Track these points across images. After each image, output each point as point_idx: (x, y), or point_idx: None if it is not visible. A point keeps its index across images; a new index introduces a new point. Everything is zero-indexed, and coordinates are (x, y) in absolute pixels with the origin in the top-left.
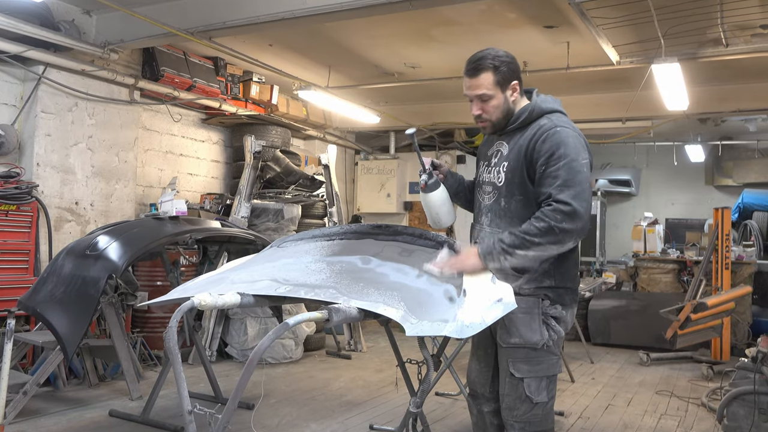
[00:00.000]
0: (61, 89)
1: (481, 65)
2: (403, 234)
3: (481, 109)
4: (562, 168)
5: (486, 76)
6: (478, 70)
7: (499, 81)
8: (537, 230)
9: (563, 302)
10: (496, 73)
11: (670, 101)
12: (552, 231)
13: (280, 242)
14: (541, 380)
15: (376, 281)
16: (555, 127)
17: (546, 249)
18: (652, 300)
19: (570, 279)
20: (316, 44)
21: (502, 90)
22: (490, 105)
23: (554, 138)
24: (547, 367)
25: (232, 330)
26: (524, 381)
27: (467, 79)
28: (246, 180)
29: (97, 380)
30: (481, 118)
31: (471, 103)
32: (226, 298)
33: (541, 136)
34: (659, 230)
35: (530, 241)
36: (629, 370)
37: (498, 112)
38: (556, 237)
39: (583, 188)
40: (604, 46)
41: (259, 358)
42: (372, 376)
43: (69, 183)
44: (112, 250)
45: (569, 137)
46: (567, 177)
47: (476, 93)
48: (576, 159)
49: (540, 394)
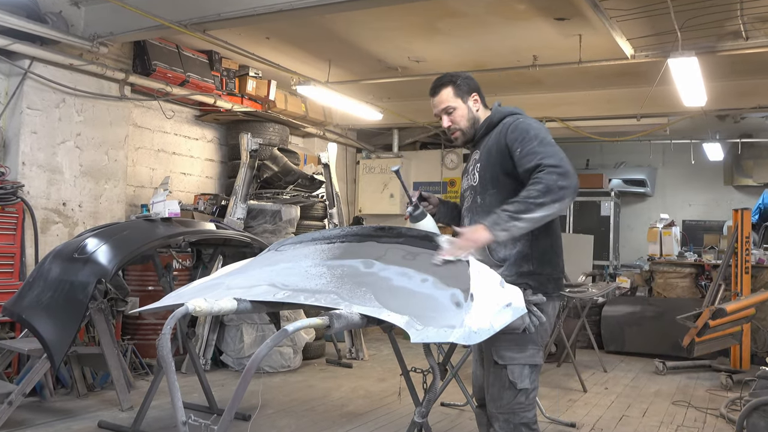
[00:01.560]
0: (47, 84)
1: (440, 83)
2: (407, 236)
3: (450, 121)
4: (537, 145)
5: (446, 91)
6: (438, 88)
7: (459, 93)
8: (537, 192)
9: (546, 291)
10: (454, 86)
11: (687, 97)
12: (551, 189)
13: (278, 245)
14: (524, 367)
15: (379, 286)
16: (518, 119)
17: (550, 207)
18: (669, 306)
19: (551, 264)
20: (315, 37)
21: (464, 101)
22: (456, 116)
23: (521, 126)
24: (530, 356)
25: (227, 337)
26: (507, 368)
27: (432, 99)
28: (242, 180)
29: (86, 390)
30: (451, 129)
31: (441, 120)
32: (221, 303)
33: (508, 128)
34: (676, 232)
35: (533, 202)
36: (644, 379)
37: (464, 121)
38: (556, 194)
39: (562, 156)
40: (618, 39)
41: (256, 367)
42: (374, 385)
43: (56, 183)
44: (102, 253)
45: (533, 123)
46: (545, 150)
47: (441, 107)
48: (546, 138)
49: (523, 380)
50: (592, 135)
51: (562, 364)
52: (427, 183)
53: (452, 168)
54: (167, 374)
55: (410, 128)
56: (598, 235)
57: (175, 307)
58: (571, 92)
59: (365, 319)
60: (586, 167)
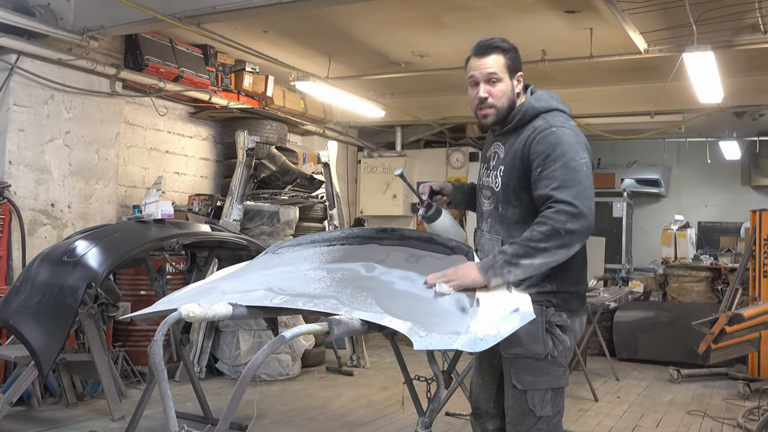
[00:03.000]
0: (35, 80)
1: (492, 45)
2: (411, 238)
3: (489, 93)
4: (558, 169)
5: (497, 57)
6: (489, 50)
7: (509, 66)
8: (541, 234)
9: (569, 308)
10: (506, 56)
11: (702, 93)
12: (557, 233)
13: (275, 248)
14: (546, 393)
15: (381, 290)
16: (550, 127)
17: (553, 254)
18: (684, 311)
19: (574, 282)
20: (315, 31)
21: (510, 76)
22: (498, 89)
23: (549, 138)
24: (553, 379)
25: (222, 344)
26: (527, 393)
27: (475, 59)
28: (238, 179)
29: (75, 399)
30: (487, 102)
31: (474, 88)
32: (216, 309)
33: (535, 137)
34: (691, 234)
35: (535, 247)
36: (658, 387)
37: (505, 99)
38: (562, 240)
39: (584, 187)
40: (631, 32)
41: (253, 375)
42: (376, 394)
43: (44, 183)
44: (92, 256)
45: (565, 136)
46: (565, 177)
47: (486, 71)
48: (574, 158)
49: (544, 407)
50: (603, 133)
51: (572, 372)
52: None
53: (458, 167)
54: (160, 382)
55: (414, 126)
56: (610, 238)
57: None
58: (581, 88)
59: (366, 325)
60: (597, 166)
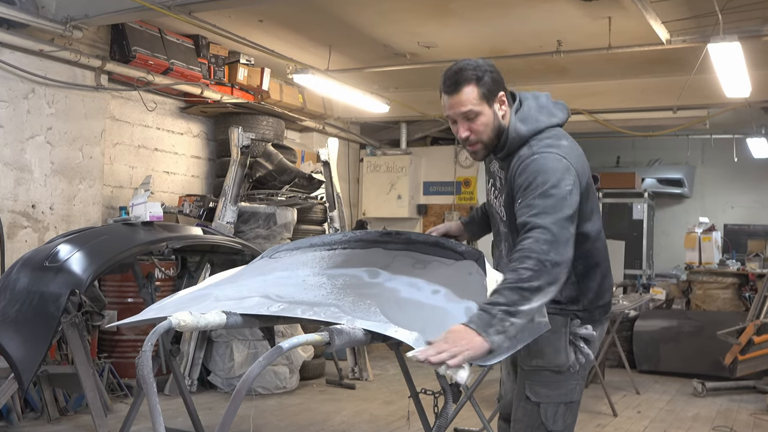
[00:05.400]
0: (15, 73)
1: (461, 78)
2: (417, 243)
3: (469, 130)
4: (538, 197)
5: (470, 89)
6: (458, 84)
7: (485, 94)
8: (530, 272)
9: (594, 318)
10: (479, 85)
11: (729, 87)
12: (544, 266)
13: (272, 252)
14: (559, 406)
15: (386, 298)
16: (533, 155)
17: (546, 293)
18: (709, 320)
19: (601, 296)
20: (314, 20)
21: (489, 104)
22: (478, 123)
23: (531, 167)
24: (567, 393)
25: (215, 355)
26: (540, 406)
27: (447, 97)
28: (232, 179)
29: (58, 414)
30: (470, 141)
31: (454, 125)
32: (209, 317)
33: (518, 168)
34: (716, 238)
35: (528, 288)
36: (681, 402)
37: (489, 131)
38: (550, 273)
39: (565, 215)
40: (652, 22)
41: (248, 388)
42: (380, 408)
43: (24, 183)
44: (75, 261)
45: (548, 162)
46: (545, 204)
47: (461, 110)
48: (556, 185)
49: (556, 421)
50: (623, 129)
51: (589, 385)
52: (438, 183)
53: (467, 166)
54: (148, 396)
55: (420, 121)
56: (630, 241)
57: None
58: (599, 81)
59: (370, 335)
60: (616, 165)
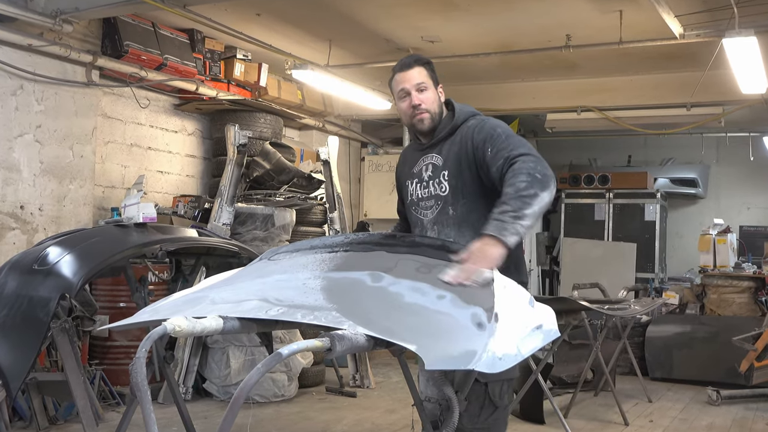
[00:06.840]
0: (2, 69)
1: (414, 61)
2: (422, 245)
3: (420, 100)
4: (505, 140)
5: (420, 69)
6: (412, 65)
7: (432, 77)
8: (525, 183)
9: None
10: (428, 68)
11: (745, 83)
12: (535, 177)
13: (271, 254)
14: (503, 383)
15: (389, 302)
16: (483, 120)
17: (542, 198)
18: (724, 325)
19: (524, 272)
20: (313, 14)
21: (435, 87)
22: (427, 96)
23: (487, 125)
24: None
25: (211, 362)
26: (489, 386)
27: (401, 74)
28: (228, 179)
29: (47, 423)
30: (421, 108)
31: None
32: (205, 322)
33: (474, 131)
34: (732, 240)
35: (527, 194)
36: (695, 410)
37: (435, 105)
38: (541, 182)
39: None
40: (665, 15)
41: (245, 396)
42: (382, 417)
43: (12, 183)
44: (66, 264)
45: (497, 121)
46: (515, 142)
47: (415, 81)
48: (511, 132)
49: (502, 398)
50: (634, 127)
51: (600, 393)
52: None
53: None
54: (142, 404)
55: None
56: (642, 244)
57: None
58: (610, 77)
59: (372, 341)
60: (628, 164)
